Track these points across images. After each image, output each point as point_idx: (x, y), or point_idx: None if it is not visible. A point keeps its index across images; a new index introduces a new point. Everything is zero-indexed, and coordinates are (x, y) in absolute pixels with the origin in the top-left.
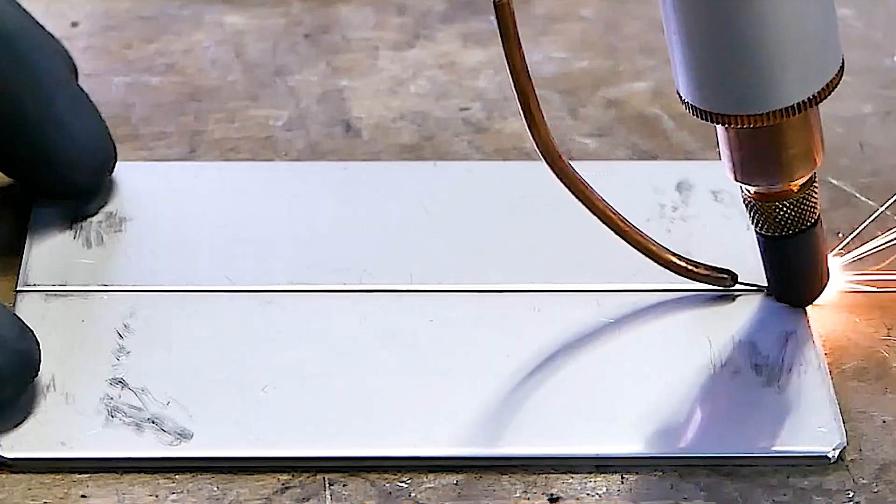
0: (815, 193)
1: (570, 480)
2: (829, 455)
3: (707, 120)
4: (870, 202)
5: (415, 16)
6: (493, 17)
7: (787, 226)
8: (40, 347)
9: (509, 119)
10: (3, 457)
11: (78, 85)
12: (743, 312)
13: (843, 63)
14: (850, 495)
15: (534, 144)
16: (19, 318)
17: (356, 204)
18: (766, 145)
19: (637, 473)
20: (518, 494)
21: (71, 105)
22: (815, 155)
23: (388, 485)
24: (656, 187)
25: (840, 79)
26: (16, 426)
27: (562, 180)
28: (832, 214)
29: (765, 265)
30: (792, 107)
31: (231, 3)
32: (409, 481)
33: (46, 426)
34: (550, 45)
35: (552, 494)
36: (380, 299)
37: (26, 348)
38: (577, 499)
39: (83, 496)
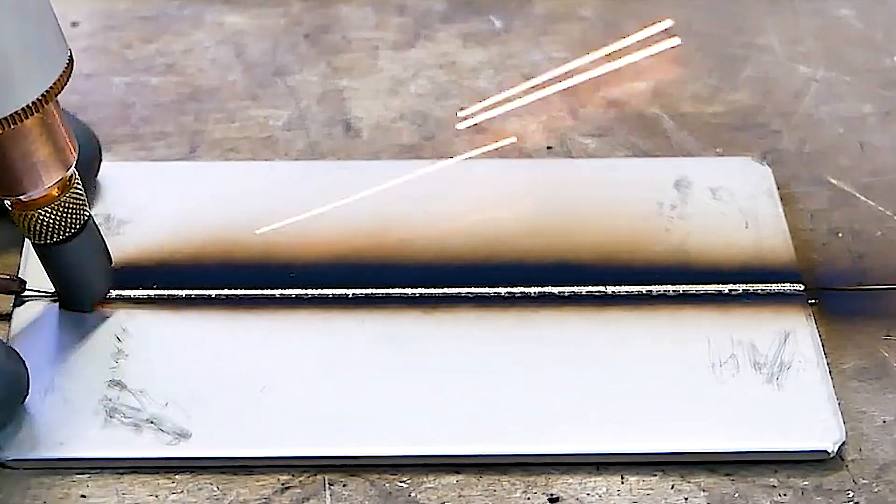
0: (78, 195)
1: (570, 480)
2: (830, 450)
3: None
4: (870, 202)
5: (415, 16)
6: (491, 17)
7: (54, 232)
8: (27, 368)
9: (509, 119)
10: (3, 458)
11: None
12: (746, 312)
13: (69, 63)
14: (850, 495)
15: None
16: (3, 342)
17: (356, 203)
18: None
19: (637, 473)
20: (518, 494)
21: None
22: (62, 158)
23: (388, 485)
24: (655, 185)
25: (68, 79)
26: (15, 428)
27: None
28: (832, 214)
29: (47, 271)
30: (6, 119)
31: (231, 3)
32: (409, 481)
33: (45, 427)
34: (550, 45)
35: (552, 494)
36: (379, 301)
37: (13, 370)
38: (577, 499)
39: (83, 496)
